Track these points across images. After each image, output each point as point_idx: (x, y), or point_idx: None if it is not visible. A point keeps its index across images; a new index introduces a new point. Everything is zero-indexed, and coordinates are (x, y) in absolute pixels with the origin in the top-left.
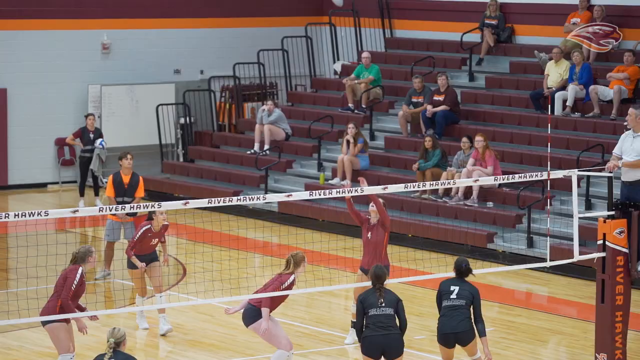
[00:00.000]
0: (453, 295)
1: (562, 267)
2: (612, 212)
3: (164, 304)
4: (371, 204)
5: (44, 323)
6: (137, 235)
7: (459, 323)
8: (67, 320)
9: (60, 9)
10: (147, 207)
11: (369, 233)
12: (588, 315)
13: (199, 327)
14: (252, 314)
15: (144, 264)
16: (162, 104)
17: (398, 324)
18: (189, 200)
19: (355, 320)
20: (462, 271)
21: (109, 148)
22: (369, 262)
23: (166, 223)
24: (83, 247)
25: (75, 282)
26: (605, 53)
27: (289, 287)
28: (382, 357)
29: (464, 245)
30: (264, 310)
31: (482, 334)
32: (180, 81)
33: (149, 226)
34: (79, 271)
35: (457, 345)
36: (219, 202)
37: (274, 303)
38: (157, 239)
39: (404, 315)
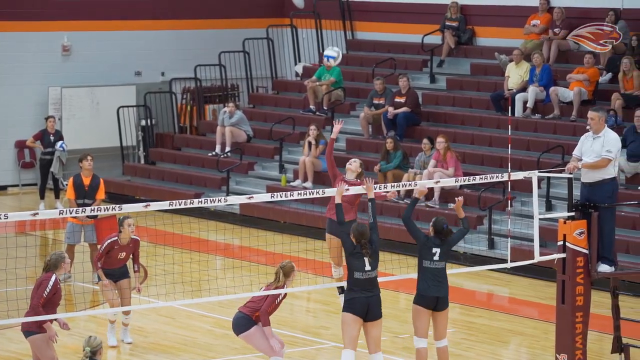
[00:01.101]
0: (436, 257)
1: (523, 268)
2: (572, 213)
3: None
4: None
5: (26, 335)
6: (103, 247)
7: (441, 288)
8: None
9: (20, 11)
10: (108, 210)
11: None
12: (549, 316)
13: (160, 330)
14: (243, 322)
15: (107, 281)
16: (122, 106)
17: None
18: (150, 203)
19: (339, 285)
20: (444, 232)
21: (69, 150)
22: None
23: (135, 237)
24: (54, 253)
25: (47, 290)
26: (565, 54)
27: (283, 299)
28: (365, 317)
29: None
30: (267, 329)
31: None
32: (141, 83)
33: (115, 238)
34: (52, 279)
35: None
36: (180, 205)
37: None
38: (125, 253)
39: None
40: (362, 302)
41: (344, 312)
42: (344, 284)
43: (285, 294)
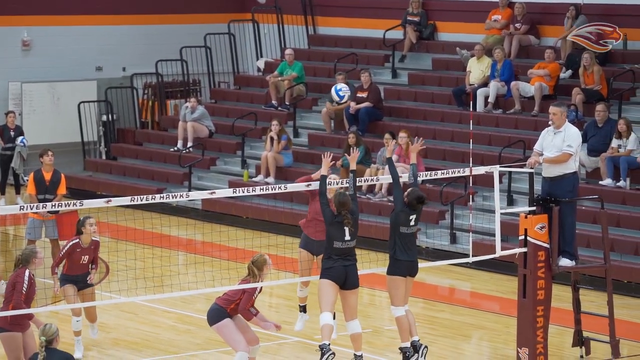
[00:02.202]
0: (412, 223)
1: (485, 262)
2: (533, 208)
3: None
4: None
5: None
6: (64, 250)
7: (415, 252)
8: (22, 329)
9: None
10: (69, 205)
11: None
12: (510, 310)
13: (122, 325)
14: (217, 314)
15: (58, 287)
16: (83, 101)
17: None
18: (112, 198)
19: (301, 304)
20: (423, 201)
21: (30, 145)
22: (314, 233)
23: (96, 239)
24: (26, 248)
25: (24, 286)
26: (526, 50)
27: (259, 293)
28: (343, 286)
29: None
30: (257, 320)
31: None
32: (102, 78)
33: (77, 240)
34: (26, 274)
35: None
36: (142, 200)
37: (261, 320)
38: (87, 257)
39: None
40: (340, 270)
41: (321, 279)
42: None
43: (261, 288)
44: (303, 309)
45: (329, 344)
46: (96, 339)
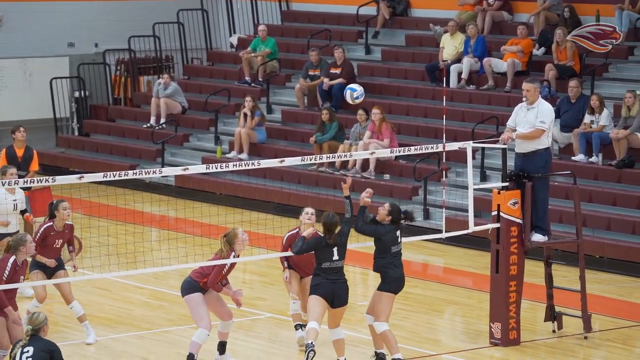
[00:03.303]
0: (399, 240)
1: (458, 238)
2: (506, 184)
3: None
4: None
5: None
6: (38, 234)
7: (401, 265)
8: (3, 314)
9: None
10: (42, 182)
11: None
12: (483, 285)
13: (95, 302)
14: (188, 286)
15: (54, 260)
16: (56, 78)
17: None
18: (84, 174)
19: (295, 323)
20: (408, 216)
21: (2, 122)
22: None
23: (70, 222)
24: (17, 235)
25: (5, 272)
26: (499, 26)
27: (232, 266)
28: (331, 303)
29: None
30: (226, 290)
31: None
32: (74, 54)
33: (50, 224)
34: (10, 260)
35: None
36: (114, 176)
37: (228, 289)
38: (61, 241)
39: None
40: (328, 286)
41: (310, 295)
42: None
43: (234, 264)
44: (297, 327)
45: (312, 343)
46: (68, 315)
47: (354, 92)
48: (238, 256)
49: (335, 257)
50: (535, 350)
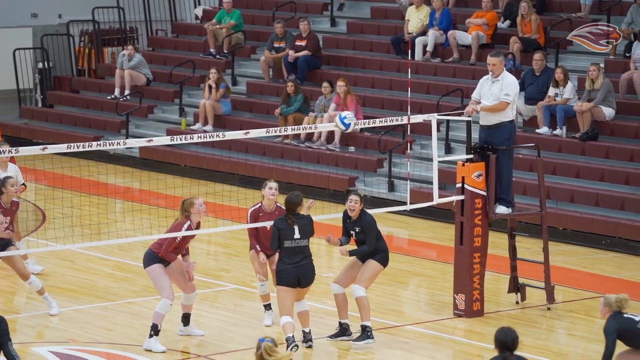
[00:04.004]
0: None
1: (422, 210)
2: (471, 156)
3: (23, 249)
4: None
5: None
6: None
7: None
8: None
9: None
10: (5, 153)
11: (269, 221)
12: (447, 257)
13: (59, 273)
14: (148, 257)
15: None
16: (19, 48)
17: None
18: (48, 146)
19: (264, 303)
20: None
21: None
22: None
23: (17, 200)
24: None
25: None
26: None
27: (188, 237)
28: (297, 285)
29: (326, 189)
30: (179, 262)
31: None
32: (37, 25)
33: None
34: None
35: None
36: (78, 148)
37: (176, 252)
38: (9, 218)
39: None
40: (292, 273)
41: (276, 285)
42: (269, 302)
43: (190, 228)
44: (267, 307)
45: (293, 336)
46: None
47: (344, 120)
48: (197, 227)
49: (297, 235)
50: (498, 321)
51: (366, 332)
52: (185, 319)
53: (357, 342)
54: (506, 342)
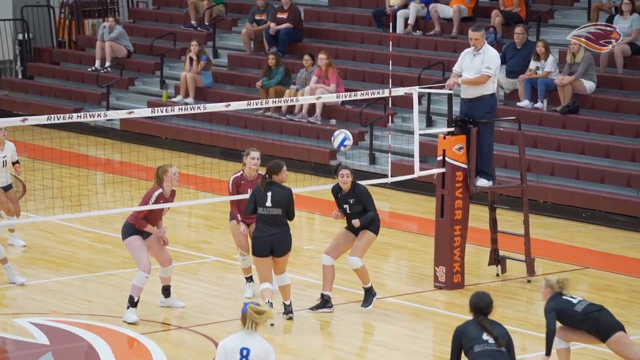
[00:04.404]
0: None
1: (403, 183)
2: (452, 129)
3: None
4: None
5: None
6: None
7: None
8: None
9: None
10: None
11: (250, 190)
12: (428, 229)
13: (39, 245)
14: (125, 230)
15: None
16: None
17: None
18: (28, 117)
19: (245, 275)
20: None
21: None
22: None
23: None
24: None
25: None
26: None
27: (157, 203)
28: (272, 254)
29: (307, 162)
30: (150, 228)
31: None
32: None
33: None
34: None
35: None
36: (59, 119)
37: (148, 219)
38: None
39: (292, 209)
40: (264, 241)
41: (252, 254)
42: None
43: (162, 196)
44: (248, 279)
45: (269, 302)
46: (12, 257)
47: (342, 140)
48: (171, 196)
49: (268, 203)
50: None
51: (371, 293)
52: (166, 291)
53: (367, 305)
54: (480, 306)
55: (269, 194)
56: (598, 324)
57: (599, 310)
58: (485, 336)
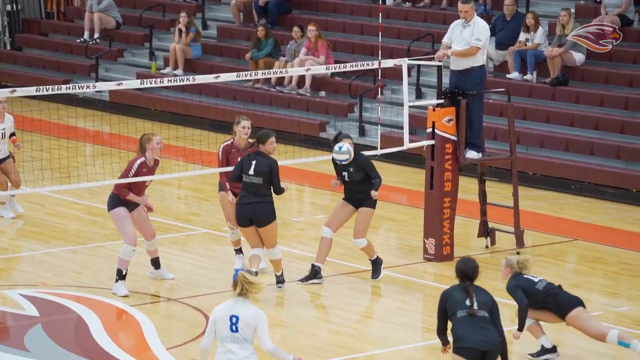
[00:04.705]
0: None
1: (393, 155)
2: (441, 101)
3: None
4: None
5: None
6: None
7: None
8: None
9: None
10: None
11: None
12: (417, 201)
13: (28, 216)
14: (110, 201)
15: None
16: None
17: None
18: (17, 88)
19: (235, 247)
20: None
21: None
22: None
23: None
24: None
25: None
26: None
27: (140, 171)
28: (252, 224)
29: (297, 134)
30: (132, 197)
31: None
32: None
33: None
34: None
35: None
36: (48, 91)
37: (132, 189)
38: None
39: (277, 181)
40: (244, 210)
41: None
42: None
43: (144, 165)
44: (238, 251)
45: (256, 271)
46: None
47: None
48: (154, 164)
49: (251, 171)
50: None
51: (378, 262)
52: (155, 262)
53: (376, 276)
54: (466, 272)
55: (254, 162)
56: (558, 299)
57: (559, 287)
58: (468, 302)
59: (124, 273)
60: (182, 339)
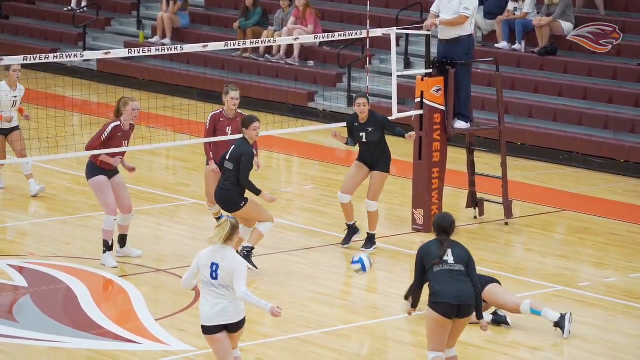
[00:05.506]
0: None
1: None
2: (430, 70)
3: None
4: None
5: None
6: None
7: None
8: None
9: None
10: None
11: (229, 127)
12: (406, 172)
13: (16, 187)
14: (88, 169)
15: None
16: None
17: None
18: (4, 57)
19: (216, 217)
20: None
21: None
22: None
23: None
24: None
25: None
26: None
27: (114, 134)
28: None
29: (285, 104)
30: (105, 158)
31: None
32: None
33: None
34: None
35: None
36: (35, 60)
37: (112, 154)
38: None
39: (243, 170)
40: (215, 193)
41: None
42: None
43: (118, 129)
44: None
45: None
46: None
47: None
48: (130, 129)
49: (227, 156)
50: (457, 236)
51: (372, 240)
52: (122, 240)
53: (367, 248)
54: (444, 226)
55: (232, 147)
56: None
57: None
58: (445, 256)
59: (110, 244)
60: (171, 310)
